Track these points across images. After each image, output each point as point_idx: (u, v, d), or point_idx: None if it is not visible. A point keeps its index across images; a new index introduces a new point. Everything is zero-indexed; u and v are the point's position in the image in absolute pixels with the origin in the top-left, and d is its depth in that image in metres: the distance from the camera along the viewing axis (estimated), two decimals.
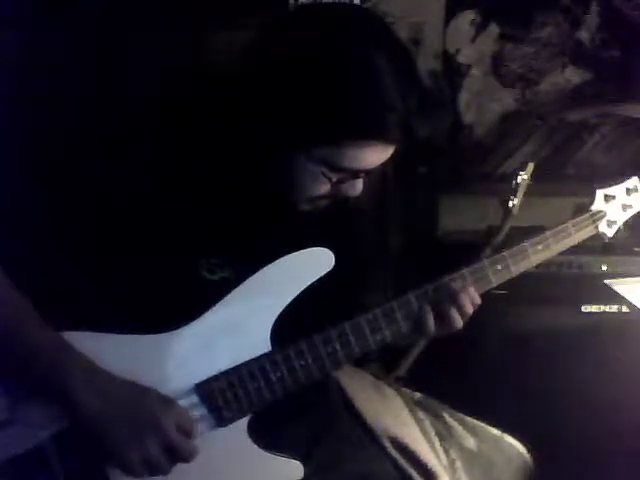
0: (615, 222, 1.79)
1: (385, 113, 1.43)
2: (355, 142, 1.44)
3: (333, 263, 1.52)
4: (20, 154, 1.57)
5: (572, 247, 1.74)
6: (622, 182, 1.81)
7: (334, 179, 1.49)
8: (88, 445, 1.40)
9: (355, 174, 1.50)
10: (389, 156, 1.50)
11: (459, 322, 1.59)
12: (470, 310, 1.59)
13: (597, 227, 1.76)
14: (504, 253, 1.65)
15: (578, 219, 1.74)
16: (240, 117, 1.48)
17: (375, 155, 1.47)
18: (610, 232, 1.79)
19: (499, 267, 1.64)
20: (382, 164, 1.51)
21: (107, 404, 1.38)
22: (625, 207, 1.80)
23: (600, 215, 1.77)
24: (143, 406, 1.41)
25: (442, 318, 1.58)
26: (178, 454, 1.42)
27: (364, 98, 1.41)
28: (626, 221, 1.82)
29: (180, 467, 1.44)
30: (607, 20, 2.94)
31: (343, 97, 1.41)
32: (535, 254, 1.67)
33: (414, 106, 1.44)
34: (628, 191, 1.81)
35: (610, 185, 1.80)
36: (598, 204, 1.77)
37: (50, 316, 1.39)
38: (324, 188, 1.50)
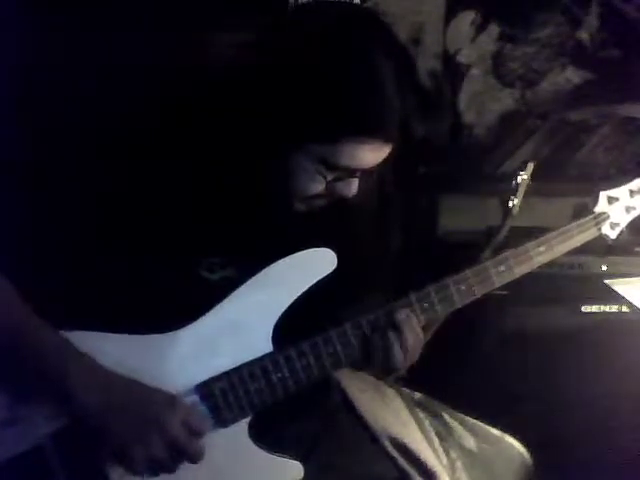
0: (618, 224, 1.78)
1: (383, 111, 1.43)
2: (352, 140, 1.44)
3: (336, 263, 1.52)
4: (19, 155, 1.56)
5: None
6: (626, 184, 1.80)
7: (329, 178, 1.48)
8: (92, 443, 1.40)
9: (351, 173, 1.50)
10: (386, 155, 1.49)
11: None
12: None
13: (600, 229, 1.75)
14: (507, 254, 1.64)
15: (581, 221, 1.73)
16: (239, 116, 1.48)
17: (372, 154, 1.47)
18: (613, 234, 1.78)
19: (502, 268, 1.63)
20: (381, 164, 1.51)
21: (110, 402, 1.38)
22: (629, 209, 1.79)
23: (603, 217, 1.76)
24: (147, 404, 1.41)
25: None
26: (183, 453, 1.42)
27: (363, 96, 1.42)
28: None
29: (181, 467, 1.44)
30: (607, 20, 2.94)
31: (342, 95, 1.41)
32: (538, 256, 1.66)
33: (412, 105, 1.45)
34: (632, 193, 1.79)
35: (613, 187, 1.79)
36: (601, 206, 1.76)
37: (52, 316, 1.39)
38: (319, 187, 1.50)
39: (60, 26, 2.19)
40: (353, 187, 1.52)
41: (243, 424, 1.49)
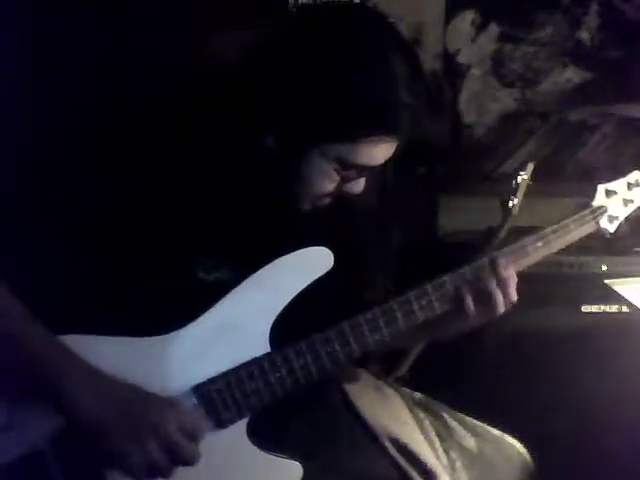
0: (617, 217, 1.74)
1: (400, 109, 1.44)
2: (370, 139, 1.45)
3: (332, 263, 1.52)
4: (19, 155, 1.56)
5: (572, 247, 1.73)
6: (623, 177, 1.77)
7: (344, 176, 1.50)
8: (89, 449, 1.39)
9: (363, 171, 1.51)
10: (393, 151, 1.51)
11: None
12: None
13: (598, 223, 1.72)
14: (503, 251, 1.64)
15: (579, 215, 1.70)
16: (252, 117, 1.48)
17: (385, 151, 1.49)
18: (611, 228, 1.74)
19: None
20: (382, 163, 1.51)
21: (107, 407, 1.38)
22: (626, 202, 1.75)
23: (601, 211, 1.72)
24: (144, 409, 1.41)
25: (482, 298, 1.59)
26: (180, 457, 1.41)
27: (381, 95, 1.43)
28: (627, 219, 1.79)
29: (180, 469, 1.43)
30: (607, 20, 2.95)
31: (361, 95, 1.42)
32: (535, 251, 1.65)
33: (423, 101, 1.47)
34: (629, 186, 1.76)
35: (611, 180, 1.76)
36: (599, 199, 1.73)
37: (48, 320, 1.38)
38: (332, 186, 1.51)
39: (60, 26, 2.20)
40: (361, 185, 1.54)
41: (242, 425, 1.49)
